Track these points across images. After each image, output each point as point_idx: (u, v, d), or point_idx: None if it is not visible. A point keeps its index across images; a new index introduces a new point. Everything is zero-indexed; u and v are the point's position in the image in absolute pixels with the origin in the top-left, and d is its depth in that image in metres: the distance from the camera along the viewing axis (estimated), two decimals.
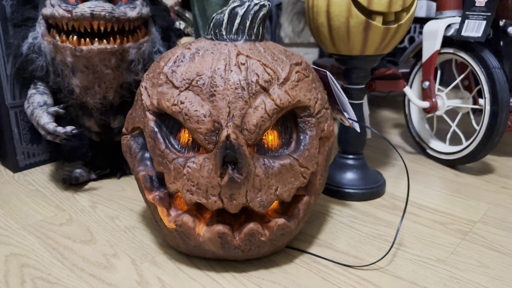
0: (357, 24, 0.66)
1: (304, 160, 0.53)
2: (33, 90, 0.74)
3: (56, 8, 0.69)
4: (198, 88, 0.51)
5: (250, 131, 0.50)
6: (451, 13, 0.89)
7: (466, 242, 0.64)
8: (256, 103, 0.51)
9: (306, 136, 0.54)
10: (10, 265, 0.58)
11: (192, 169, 0.51)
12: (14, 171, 0.87)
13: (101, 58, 0.69)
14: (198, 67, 0.52)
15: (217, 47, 0.54)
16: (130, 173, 0.87)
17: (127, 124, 0.59)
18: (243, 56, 0.53)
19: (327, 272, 0.57)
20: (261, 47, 0.55)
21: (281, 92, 0.52)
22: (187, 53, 0.54)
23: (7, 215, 0.71)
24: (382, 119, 1.29)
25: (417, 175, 0.89)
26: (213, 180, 0.50)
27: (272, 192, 0.52)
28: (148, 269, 0.57)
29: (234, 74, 0.51)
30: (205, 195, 0.51)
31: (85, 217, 0.70)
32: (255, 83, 0.51)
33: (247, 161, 0.50)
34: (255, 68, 0.52)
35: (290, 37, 1.88)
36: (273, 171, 0.51)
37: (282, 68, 0.53)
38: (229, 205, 0.51)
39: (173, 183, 0.52)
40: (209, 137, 0.50)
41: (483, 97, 0.84)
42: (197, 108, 0.50)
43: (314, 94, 0.55)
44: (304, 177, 0.54)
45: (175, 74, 0.53)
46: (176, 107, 0.51)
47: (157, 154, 0.53)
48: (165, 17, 0.82)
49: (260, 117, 0.50)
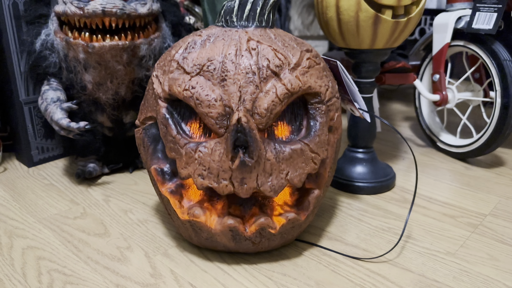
0: (367, 18, 0.66)
1: (314, 145, 0.54)
2: (47, 87, 0.75)
3: (68, 5, 0.70)
4: (209, 73, 0.52)
5: (261, 115, 0.50)
6: (461, 5, 0.88)
7: (476, 235, 0.65)
8: (267, 87, 0.51)
9: (317, 122, 0.54)
10: (27, 257, 0.59)
11: (203, 154, 0.51)
12: (28, 165, 0.89)
13: (113, 54, 0.70)
14: (209, 53, 0.53)
15: (228, 34, 0.55)
16: (142, 167, 0.88)
17: (140, 115, 0.59)
18: (254, 41, 0.53)
19: (337, 264, 0.58)
20: (272, 34, 0.55)
21: (292, 77, 0.52)
22: (198, 40, 0.55)
23: (23, 209, 0.72)
24: (392, 111, 1.29)
25: (427, 168, 0.89)
26: (224, 164, 0.51)
27: (283, 177, 0.52)
28: (161, 262, 0.58)
29: (245, 59, 0.52)
30: (216, 179, 0.51)
31: (99, 211, 0.72)
32: (266, 68, 0.51)
33: (258, 145, 0.50)
34: (266, 53, 0.52)
35: (299, 30, 1.87)
36: (284, 156, 0.52)
37: (292, 54, 0.53)
38: (240, 189, 0.51)
39: (185, 168, 0.53)
40: (220, 121, 0.51)
41: (494, 90, 0.83)
42: (208, 93, 0.51)
43: (325, 81, 0.55)
44: (314, 163, 0.54)
45: (186, 60, 0.53)
46: (187, 92, 0.52)
47: (169, 140, 0.54)
48: (175, 12, 0.82)
49: (271, 101, 0.51)
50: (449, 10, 0.90)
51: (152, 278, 0.55)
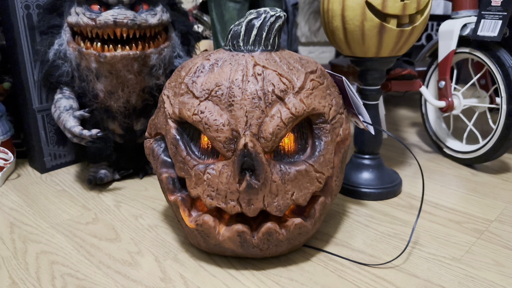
0: (372, 27, 0.67)
1: (319, 165, 0.55)
2: (60, 95, 0.77)
3: (81, 16, 0.72)
4: (217, 98, 0.53)
5: (266, 139, 0.52)
6: (467, 13, 0.89)
7: (482, 241, 0.65)
8: (272, 112, 0.53)
9: (321, 142, 0.56)
10: (40, 262, 0.61)
11: (211, 176, 0.53)
12: (41, 172, 0.91)
13: (124, 63, 0.72)
14: (217, 78, 0.54)
15: (235, 58, 0.56)
16: (152, 173, 0.90)
17: (150, 130, 0.61)
18: (260, 66, 0.55)
19: (344, 270, 0.59)
20: (277, 57, 0.57)
21: (296, 101, 0.54)
22: (206, 64, 0.57)
23: (36, 214, 0.74)
24: (399, 117, 1.29)
25: (434, 174, 0.89)
26: (232, 186, 0.53)
27: (288, 197, 0.54)
28: (171, 266, 0.60)
29: (251, 84, 0.53)
30: (225, 200, 0.53)
31: (110, 216, 0.73)
32: (271, 93, 0.53)
33: (264, 168, 0.52)
34: (271, 78, 0.54)
35: (306, 36, 1.88)
36: (289, 177, 0.53)
37: (297, 78, 0.55)
38: (247, 209, 0.53)
39: (194, 188, 0.55)
40: (227, 145, 0.52)
41: (499, 96, 0.84)
42: (216, 118, 0.53)
43: (328, 100, 0.57)
44: (319, 182, 0.56)
45: (195, 84, 0.55)
46: (196, 116, 0.54)
47: (179, 160, 0.56)
48: (184, 22, 0.84)
49: (276, 126, 0.52)
50: (455, 18, 0.90)
51: (162, 283, 0.56)
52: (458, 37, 0.89)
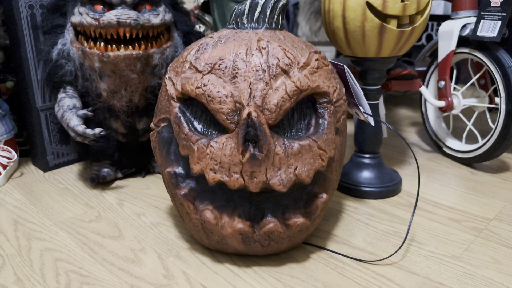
0: (372, 27, 0.68)
1: (322, 143, 0.55)
2: (63, 94, 0.78)
3: (84, 16, 0.72)
4: (220, 71, 0.54)
5: (270, 110, 0.52)
6: (466, 13, 0.90)
7: (481, 239, 0.66)
8: (277, 84, 0.53)
9: (325, 121, 0.56)
10: (45, 259, 0.62)
11: (215, 148, 0.53)
12: (44, 170, 0.92)
13: (127, 63, 0.73)
14: (221, 52, 0.55)
15: (239, 35, 0.57)
16: (154, 172, 0.91)
17: (154, 118, 0.62)
18: (264, 41, 0.55)
19: (344, 267, 0.59)
20: (281, 35, 0.57)
21: (301, 75, 0.54)
22: (210, 41, 0.57)
23: (39, 212, 0.75)
24: (399, 117, 1.30)
25: (434, 173, 0.90)
26: (235, 158, 0.52)
27: (291, 171, 0.54)
28: (174, 263, 0.60)
29: (255, 57, 0.54)
30: (228, 173, 0.53)
31: (113, 214, 0.74)
32: (276, 66, 0.53)
33: (268, 139, 0.52)
34: (276, 52, 0.54)
35: (307, 36, 1.89)
36: (293, 151, 0.53)
37: (301, 54, 0.55)
38: (250, 183, 0.53)
39: (197, 164, 0.54)
40: (231, 116, 0.53)
41: (498, 96, 0.84)
42: (220, 90, 0.53)
43: (333, 83, 0.57)
44: (322, 160, 0.55)
45: (198, 60, 0.56)
46: (199, 89, 0.54)
47: (182, 137, 0.56)
48: (186, 22, 0.85)
49: (281, 97, 0.52)
50: (454, 18, 0.91)
51: (165, 279, 0.57)
52: (457, 38, 0.90)
